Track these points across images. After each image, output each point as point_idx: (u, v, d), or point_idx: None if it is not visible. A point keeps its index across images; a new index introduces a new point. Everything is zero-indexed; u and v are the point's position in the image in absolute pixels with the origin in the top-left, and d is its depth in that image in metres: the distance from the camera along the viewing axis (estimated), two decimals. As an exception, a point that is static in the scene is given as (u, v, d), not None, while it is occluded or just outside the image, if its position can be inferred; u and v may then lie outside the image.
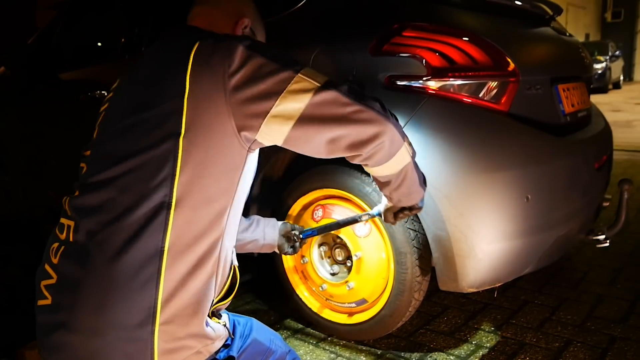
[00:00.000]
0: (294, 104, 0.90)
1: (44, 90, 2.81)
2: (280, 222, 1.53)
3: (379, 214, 1.33)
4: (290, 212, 1.81)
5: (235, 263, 1.07)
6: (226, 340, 1.02)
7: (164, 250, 0.86)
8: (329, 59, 1.59)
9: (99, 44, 2.79)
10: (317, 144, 0.95)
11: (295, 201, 1.78)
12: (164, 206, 0.87)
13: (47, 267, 0.94)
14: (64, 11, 2.91)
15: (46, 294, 0.91)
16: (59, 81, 2.69)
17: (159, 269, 0.86)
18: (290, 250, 1.51)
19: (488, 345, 1.75)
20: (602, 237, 1.85)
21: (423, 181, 1.16)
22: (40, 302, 0.93)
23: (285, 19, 1.75)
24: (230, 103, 0.89)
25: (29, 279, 1.00)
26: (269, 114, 0.90)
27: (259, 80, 0.90)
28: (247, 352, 1.07)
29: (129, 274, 0.85)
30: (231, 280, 1.03)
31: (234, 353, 1.02)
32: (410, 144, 1.06)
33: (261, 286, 2.26)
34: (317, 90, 0.91)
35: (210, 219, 0.92)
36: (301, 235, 1.51)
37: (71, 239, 0.92)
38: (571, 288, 2.16)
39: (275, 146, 0.99)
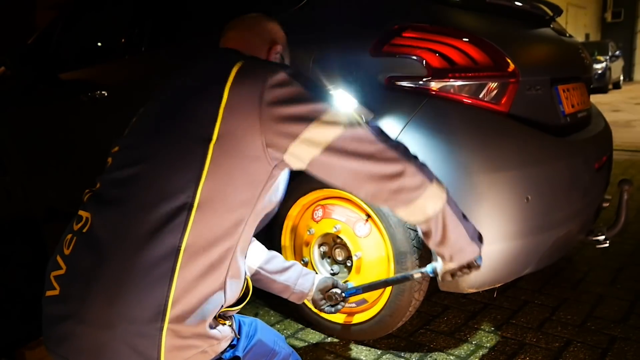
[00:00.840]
0: (325, 133, 0.94)
1: (44, 90, 2.81)
2: (320, 276, 1.52)
3: (434, 273, 1.25)
4: (290, 212, 1.81)
5: (248, 274, 1.09)
6: (232, 341, 1.03)
7: (180, 250, 0.88)
8: (329, 60, 1.59)
9: (99, 44, 2.80)
10: (339, 175, 0.98)
11: (296, 201, 1.78)
12: (186, 207, 0.89)
13: (58, 258, 0.96)
14: (64, 11, 2.91)
15: (55, 284, 0.93)
16: (59, 81, 2.69)
17: (174, 267, 0.88)
18: (331, 310, 1.50)
19: (488, 345, 1.75)
20: (602, 237, 1.85)
21: (478, 237, 1.13)
22: (49, 293, 0.94)
23: (285, 19, 1.75)
24: (263, 120, 0.92)
25: (29, 279, 1.00)
26: (298, 137, 0.94)
27: (295, 103, 0.94)
28: (252, 353, 1.08)
29: (144, 269, 0.87)
30: (244, 290, 1.05)
31: (239, 353, 1.03)
32: (444, 190, 1.05)
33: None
34: (349, 125, 0.96)
35: (227, 226, 0.94)
36: (344, 294, 1.48)
37: (85, 230, 0.94)
38: (571, 288, 2.16)
39: None
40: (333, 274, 1.76)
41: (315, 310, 1.65)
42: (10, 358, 1.72)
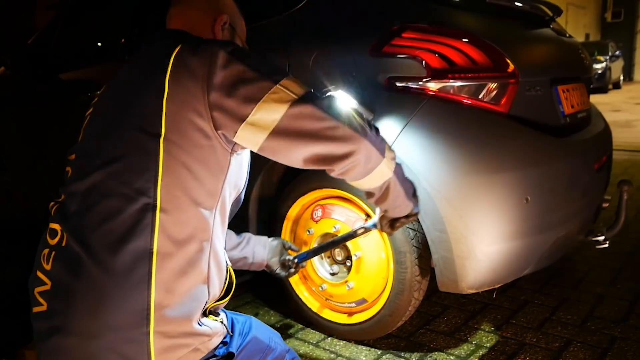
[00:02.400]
0: (269, 115, 0.90)
1: (44, 90, 2.81)
2: (271, 240, 1.50)
3: (375, 225, 1.30)
4: (289, 213, 1.81)
5: (229, 264, 1.07)
6: (224, 337, 1.02)
7: (152, 252, 0.87)
8: (329, 60, 1.59)
9: (99, 44, 2.79)
10: (290, 157, 0.95)
11: (295, 201, 1.78)
12: (149, 208, 0.87)
13: (39, 273, 0.94)
14: (64, 11, 2.91)
15: (41, 300, 0.92)
16: (59, 81, 2.69)
17: (150, 270, 0.86)
18: (283, 273, 1.50)
19: (488, 345, 1.75)
20: (601, 238, 1.85)
21: (412, 194, 1.14)
22: (36, 309, 0.93)
23: (285, 19, 1.75)
24: (209, 106, 0.90)
25: (29, 279, 1.00)
26: (245, 121, 0.90)
27: (239, 86, 0.90)
28: (247, 349, 1.07)
29: (120, 277, 0.85)
30: (228, 281, 1.04)
31: (233, 349, 1.02)
32: (393, 159, 1.04)
33: (261, 286, 2.26)
34: (294, 103, 0.91)
35: (197, 220, 0.92)
36: (296, 260, 1.49)
37: (63, 243, 0.92)
38: (571, 288, 2.16)
39: None
40: (332, 274, 1.76)
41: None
42: (10, 358, 1.72)
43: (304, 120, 0.91)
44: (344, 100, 1.05)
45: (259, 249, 1.46)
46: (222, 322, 1.02)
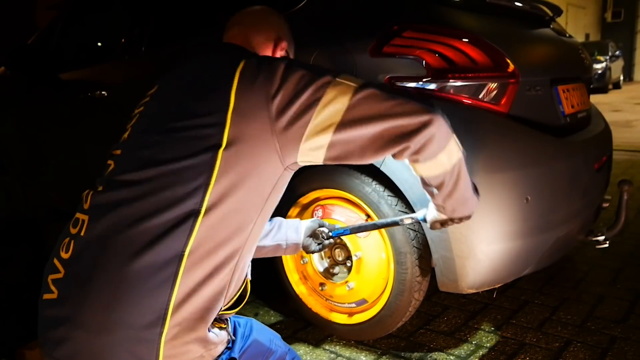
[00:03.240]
0: (333, 107, 0.90)
1: (44, 90, 2.81)
2: (306, 221, 1.48)
3: (424, 220, 1.24)
4: (290, 213, 1.81)
5: (249, 277, 1.06)
6: (228, 343, 1.02)
7: (184, 255, 0.86)
8: (329, 60, 1.59)
9: (99, 44, 2.80)
10: (362, 143, 0.92)
11: (295, 201, 1.78)
12: (193, 213, 0.87)
13: (55, 261, 0.93)
14: (64, 11, 2.91)
15: (52, 288, 0.91)
16: (59, 81, 2.69)
17: (177, 272, 0.85)
18: (317, 248, 1.45)
19: (488, 345, 1.75)
20: (601, 237, 1.85)
21: (474, 188, 1.10)
22: (46, 296, 0.92)
23: (285, 19, 1.75)
24: (273, 121, 0.90)
25: (29, 279, 1.00)
26: (308, 128, 0.90)
27: (300, 92, 0.90)
28: (248, 353, 1.07)
29: (146, 275, 0.85)
30: (242, 292, 1.03)
31: (235, 354, 1.03)
32: (458, 141, 1.00)
33: (261, 286, 2.26)
34: (356, 90, 0.91)
35: (235, 229, 0.92)
36: (331, 233, 1.45)
37: (83, 233, 0.91)
38: (571, 288, 2.16)
39: None
40: (333, 275, 1.76)
41: (307, 255, 1.68)
42: (10, 358, 1.72)
43: (370, 102, 0.90)
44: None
45: (291, 234, 1.43)
46: (226, 329, 1.02)
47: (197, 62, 1.05)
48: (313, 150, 0.92)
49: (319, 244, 1.45)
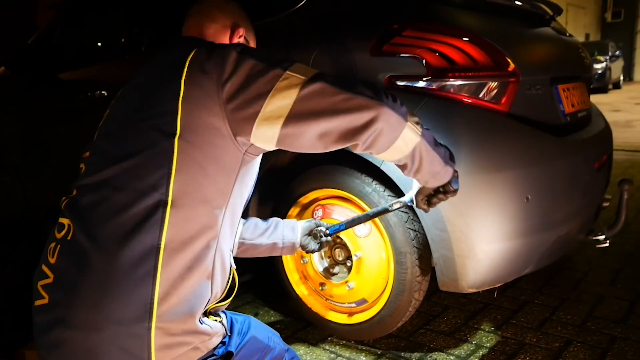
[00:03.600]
0: (282, 101, 0.91)
1: (44, 90, 2.81)
2: (302, 222, 1.49)
3: (411, 201, 1.26)
4: (290, 213, 1.81)
5: (234, 266, 1.08)
6: (223, 337, 1.02)
7: (160, 247, 0.88)
8: (329, 60, 1.59)
9: (99, 43, 2.79)
10: (310, 139, 0.94)
11: (295, 201, 1.78)
12: (160, 204, 0.89)
13: (44, 267, 0.95)
14: (64, 11, 2.91)
15: (43, 293, 0.92)
16: (59, 81, 2.69)
17: (156, 265, 0.87)
18: (316, 247, 1.46)
19: (488, 345, 1.75)
20: (602, 237, 1.85)
21: (449, 157, 1.10)
22: (37, 302, 0.93)
23: (285, 19, 1.75)
24: (223, 107, 0.92)
25: (29, 279, 1.00)
26: (258, 117, 0.92)
27: (250, 82, 0.92)
28: (246, 349, 1.07)
29: (126, 270, 0.86)
30: (231, 283, 1.04)
31: (232, 349, 1.03)
32: (418, 123, 1.01)
33: (261, 286, 2.26)
34: (304, 84, 0.91)
35: (206, 218, 0.93)
36: (328, 231, 1.46)
37: (69, 237, 0.93)
38: (571, 288, 2.16)
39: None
40: (333, 274, 1.76)
41: (307, 255, 1.70)
42: (10, 358, 1.72)
43: (317, 98, 0.91)
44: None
45: (288, 233, 1.44)
46: (221, 322, 1.03)
47: (155, 61, 1.08)
48: (264, 138, 0.94)
49: (317, 243, 1.46)
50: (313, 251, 1.47)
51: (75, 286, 0.88)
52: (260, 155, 1.08)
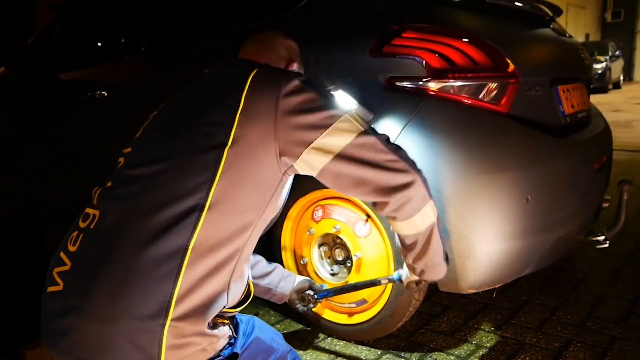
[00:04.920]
0: (336, 140, 0.97)
1: (44, 90, 2.81)
2: (299, 278, 1.59)
3: (400, 280, 1.38)
4: (290, 213, 1.81)
5: (251, 278, 1.11)
6: (230, 339, 1.03)
7: (188, 249, 0.89)
8: (329, 60, 1.59)
9: (99, 44, 2.80)
10: (348, 181, 1.01)
11: (295, 201, 1.78)
12: (198, 208, 0.91)
13: (62, 254, 0.96)
14: (64, 11, 2.91)
15: (58, 280, 0.93)
16: (59, 81, 2.69)
17: (180, 265, 0.89)
18: (304, 309, 1.58)
19: (488, 345, 1.75)
20: (601, 237, 1.85)
21: (445, 257, 1.20)
22: (51, 289, 0.94)
23: (285, 19, 1.75)
24: (278, 126, 0.96)
25: (29, 279, 1.00)
26: (311, 145, 0.97)
27: (309, 111, 0.98)
28: (250, 350, 1.09)
29: (151, 266, 0.88)
30: (246, 294, 1.07)
31: (237, 350, 1.04)
32: (435, 206, 1.10)
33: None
34: (360, 134, 0.99)
35: (237, 228, 0.96)
36: (316, 296, 1.57)
37: (93, 226, 0.95)
38: (571, 288, 2.16)
39: None
40: (333, 274, 1.76)
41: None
42: (10, 358, 1.72)
43: (368, 149, 0.99)
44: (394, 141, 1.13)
45: (284, 284, 1.55)
46: (229, 325, 1.04)
47: (212, 74, 1.11)
48: (309, 165, 1.00)
49: (304, 306, 1.58)
50: (297, 310, 1.59)
51: (94, 275, 0.89)
52: (292, 176, 1.11)
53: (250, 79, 0.99)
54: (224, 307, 0.97)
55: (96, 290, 0.88)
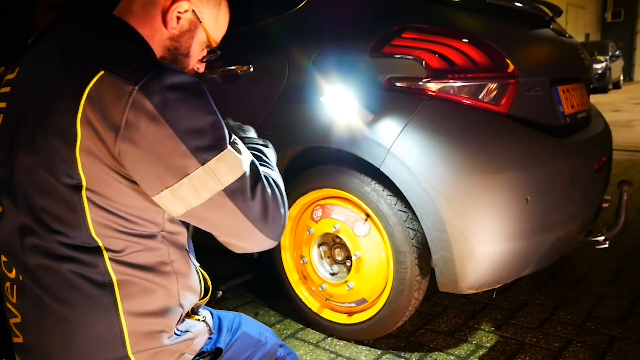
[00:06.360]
0: (189, 196, 0.80)
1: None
2: None
3: None
4: (289, 213, 1.81)
5: (197, 265, 1.01)
6: (210, 334, 1.00)
7: (113, 284, 0.83)
8: (329, 60, 1.59)
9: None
10: (193, 220, 0.86)
11: (295, 201, 1.78)
12: (94, 250, 0.82)
13: (8, 305, 0.91)
14: (64, 11, 2.91)
15: (17, 332, 0.90)
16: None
17: (115, 300, 0.83)
18: None
19: (488, 345, 1.76)
20: (601, 237, 1.85)
21: None
22: (15, 340, 0.91)
23: (285, 19, 1.75)
24: (121, 165, 0.78)
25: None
26: (164, 190, 0.79)
27: (158, 155, 0.76)
28: (237, 345, 1.05)
29: (86, 308, 0.82)
30: (204, 284, 1.01)
31: (221, 345, 1.01)
32: None
33: (261, 286, 2.27)
34: (218, 193, 0.80)
35: (148, 249, 0.86)
36: None
37: (21, 277, 0.86)
38: (571, 288, 2.16)
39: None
40: (332, 274, 1.76)
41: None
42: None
43: (221, 213, 0.83)
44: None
45: None
46: (203, 320, 0.99)
47: (58, 37, 0.88)
48: (164, 206, 0.83)
49: None
50: None
51: (40, 329, 0.85)
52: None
53: (84, 97, 0.75)
54: (182, 314, 0.92)
55: (48, 342, 0.84)
